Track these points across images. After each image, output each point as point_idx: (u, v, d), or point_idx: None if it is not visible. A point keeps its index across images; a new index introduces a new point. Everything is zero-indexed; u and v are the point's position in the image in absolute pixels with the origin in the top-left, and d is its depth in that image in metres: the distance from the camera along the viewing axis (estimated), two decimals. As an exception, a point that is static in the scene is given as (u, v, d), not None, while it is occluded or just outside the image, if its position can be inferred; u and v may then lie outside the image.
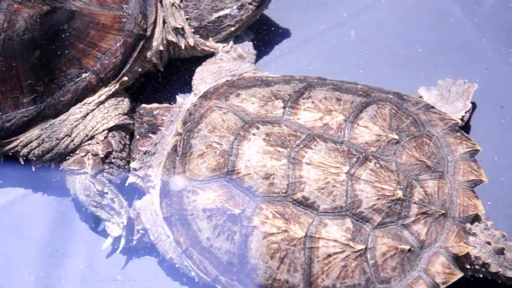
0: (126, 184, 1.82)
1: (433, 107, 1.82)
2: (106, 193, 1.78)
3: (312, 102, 1.74)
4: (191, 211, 1.67)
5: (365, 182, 1.63)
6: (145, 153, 1.82)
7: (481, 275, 1.72)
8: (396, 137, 1.69)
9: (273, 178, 1.64)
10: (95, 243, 1.82)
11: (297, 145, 1.66)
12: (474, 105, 1.94)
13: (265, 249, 1.63)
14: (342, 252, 1.62)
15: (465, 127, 1.90)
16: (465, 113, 1.90)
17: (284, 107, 1.73)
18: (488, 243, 1.67)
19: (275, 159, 1.65)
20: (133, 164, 1.82)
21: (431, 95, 1.93)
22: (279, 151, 1.65)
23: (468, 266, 1.69)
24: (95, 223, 1.84)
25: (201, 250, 1.69)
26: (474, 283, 1.74)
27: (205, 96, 1.79)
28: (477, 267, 1.69)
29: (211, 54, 1.95)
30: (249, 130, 1.70)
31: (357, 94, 1.79)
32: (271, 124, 1.71)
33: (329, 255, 1.61)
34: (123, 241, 1.78)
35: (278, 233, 1.63)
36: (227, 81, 1.85)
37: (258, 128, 1.70)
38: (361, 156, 1.66)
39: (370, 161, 1.65)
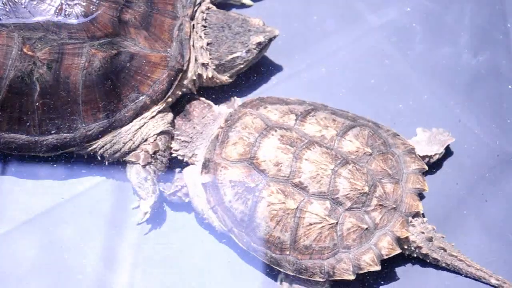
0: (172, 158, 2.20)
1: (398, 135, 2.14)
2: (148, 179, 2.14)
3: (316, 119, 2.08)
4: (221, 181, 2.03)
5: (344, 178, 1.98)
6: (183, 141, 2.18)
7: (415, 255, 2.07)
8: (370, 151, 2.04)
9: (281, 166, 1.99)
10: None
11: (301, 146, 2.01)
12: (446, 151, 2.24)
13: (267, 213, 1.98)
14: (320, 223, 1.97)
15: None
16: (436, 155, 2.21)
17: (295, 120, 2.06)
18: (422, 232, 2.02)
19: (284, 153, 2.00)
20: (174, 146, 2.18)
21: (423, 135, 2.24)
22: (288, 148, 2.00)
23: (406, 247, 2.04)
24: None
25: (224, 208, 2.03)
26: (410, 261, 2.10)
27: (243, 105, 2.16)
28: (412, 248, 2.04)
29: (224, 85, 2.33)
30: (270, 131, 2.04)
31: (348, 118, 2.12)
32: (285, 129, 2.05)
33: (311, 224, 1.97)
34: (147, 215, 2.15)
35: (278, 203, 1.98)
36: (259, 97, 2.20)
37: (276, 131, 2.04)
38: (343, 160, 2.01)
39: (349, 164, 2.00)
